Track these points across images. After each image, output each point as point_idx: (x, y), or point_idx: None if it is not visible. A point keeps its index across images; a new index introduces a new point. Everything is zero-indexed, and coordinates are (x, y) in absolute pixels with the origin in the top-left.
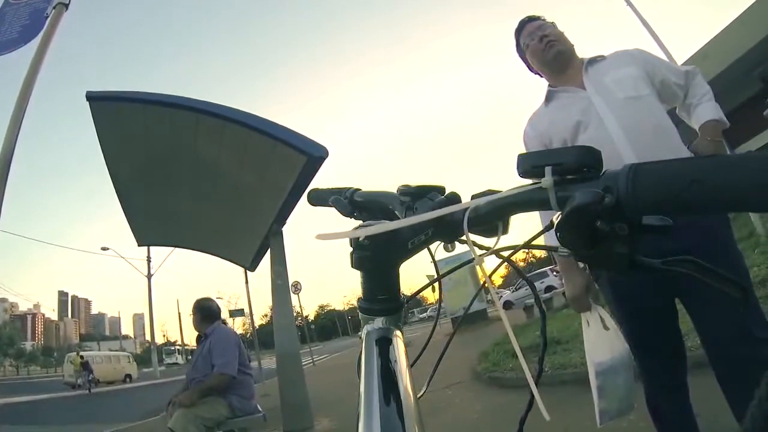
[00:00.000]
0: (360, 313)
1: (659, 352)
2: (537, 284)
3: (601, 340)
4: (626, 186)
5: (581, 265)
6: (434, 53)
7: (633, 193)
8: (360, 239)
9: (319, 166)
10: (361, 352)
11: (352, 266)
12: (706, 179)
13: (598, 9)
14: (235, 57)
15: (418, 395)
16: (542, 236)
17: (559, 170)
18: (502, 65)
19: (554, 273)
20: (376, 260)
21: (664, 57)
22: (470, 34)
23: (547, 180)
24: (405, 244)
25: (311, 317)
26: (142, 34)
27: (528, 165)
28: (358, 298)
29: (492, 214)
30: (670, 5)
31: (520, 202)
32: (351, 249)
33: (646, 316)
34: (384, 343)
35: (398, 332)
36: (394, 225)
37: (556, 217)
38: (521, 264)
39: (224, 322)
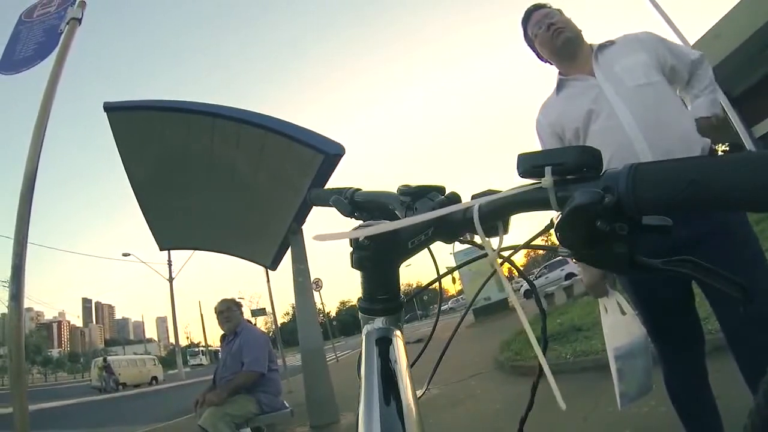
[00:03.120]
0: (360, 313)
1: (677, 337)
2: (557, 272)
3: (619, 325)
4: (626, 186)
5: None
6: (435, 54)
7: (633, 193)
8: (360, 239)
9: (336, 164)
10: (361, 352)
11: (352, 266)
12: (706, 179)
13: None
14: (242, 62)
15: (419, 395)
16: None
17: (559, 170)
18: (504, 65)
19: (574, 260)
20: (376, 260)
21: (675, 38)
22: (473, 34)
23: (547, 180)
24: (405, 244)
25: (333, 313)
26: (154, 42)
27: (528, 165)
28: (359, 298)
29: (493, 214)
30: None
31: (520, 202)
32: (351, 249)
33: (664, 301)
34: (384, 343)
35: (398, 332)
36: (393, 225)
37: (556, 216)
38: (540, 254)
39: (249, 322)
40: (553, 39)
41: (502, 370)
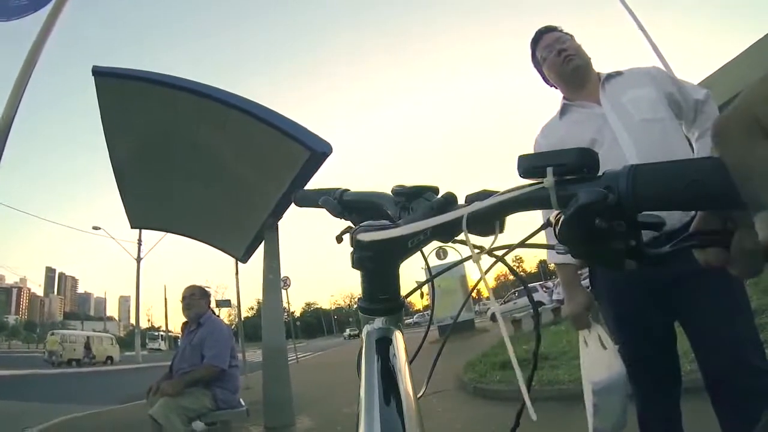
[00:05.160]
0: (360, 313)
1: (655, 374)
2: (525, 298)
3: (599, 358)
4: (627, 185)
5: (584, 283)
6: (436, 57)
7: (633, 192)
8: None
9: (322, 162)
10: (361, 351)
11: (352, 266)
12: (705, 179)
13: (610, 31)
14: (241, 49)
15: (418, 395)
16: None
17: (560, 171)
18: (499, 69)
19: (543, 289)
20: (377, 260)
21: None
22: (471, 36)
23: (549, 180)
24: (405, 244)
25: (297, 314)
26: (150, 20)
27: (529, 165)
28: (358, 298)
29: (491, 214)
30: (678, 32)
31: (521, 202)
32: (351, 249)
33: (645, 337)
34: (384, 343)
35: (398, 332)
36: (401, 231)
37: (554, 216)
38: (510, 278)
39: (213, 312)
40: (563, 65)
41: (464, 390)
